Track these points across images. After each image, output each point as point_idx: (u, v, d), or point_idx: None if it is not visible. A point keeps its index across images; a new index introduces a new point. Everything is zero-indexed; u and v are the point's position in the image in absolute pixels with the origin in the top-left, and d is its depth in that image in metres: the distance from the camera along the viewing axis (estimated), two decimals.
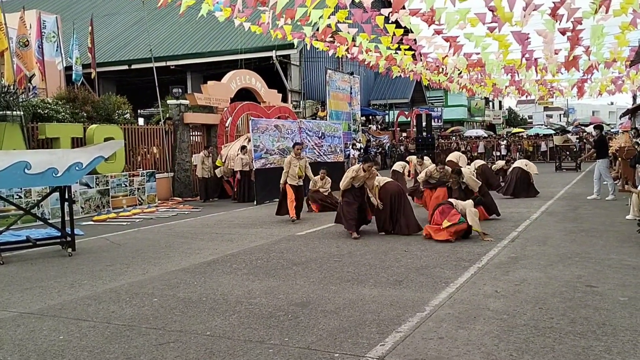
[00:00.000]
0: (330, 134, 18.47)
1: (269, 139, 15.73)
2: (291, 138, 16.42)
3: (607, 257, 7.24)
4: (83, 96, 16.19)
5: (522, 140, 36.46)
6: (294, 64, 25.51)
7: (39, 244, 8.64)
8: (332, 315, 5.12)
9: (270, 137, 15.81)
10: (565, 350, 4.15)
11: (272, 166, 15.42)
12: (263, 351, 4.31)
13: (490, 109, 56.22)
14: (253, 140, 15.21)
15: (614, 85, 17.04)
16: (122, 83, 27.70)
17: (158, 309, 5.52)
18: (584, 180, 19.45)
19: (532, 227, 9.76)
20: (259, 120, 16.20)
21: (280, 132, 16.24)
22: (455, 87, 18.69)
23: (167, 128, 17.22)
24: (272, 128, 16.07)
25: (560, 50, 13.08)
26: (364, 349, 4.30)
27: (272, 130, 15.98)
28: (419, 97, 41.05)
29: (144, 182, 15.16)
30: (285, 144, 16.17)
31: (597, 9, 8.86)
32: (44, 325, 5.12)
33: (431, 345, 4.34)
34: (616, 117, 61.05)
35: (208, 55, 25.20)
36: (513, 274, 6.50)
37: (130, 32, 29.26)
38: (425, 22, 9.99)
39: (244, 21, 11.31)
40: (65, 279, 6.94)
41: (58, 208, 10.00)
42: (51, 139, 13.24)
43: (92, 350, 4.44)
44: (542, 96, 21.45)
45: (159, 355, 4.29)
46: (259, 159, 15.22)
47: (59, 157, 8.43)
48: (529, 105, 64.28)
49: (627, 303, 5.25)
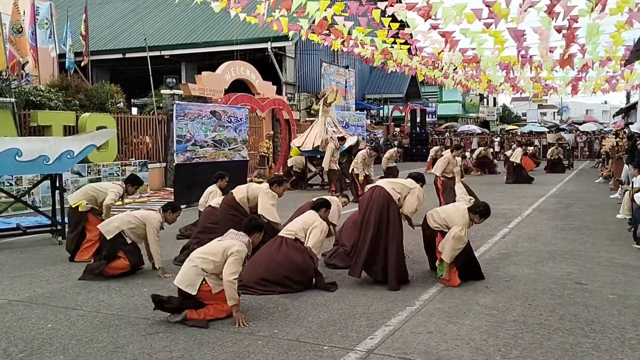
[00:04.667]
0: (354, 124, 18.28)
1: (201, 127, 13.06)
2: (234, 127, 14.05)
3: (597, 255, 7.28)
4: (76, 84, 16.05)
5: (515, 137, 36.52)
6: (289, 56, 25.41)
7: (29, 231, 8.57)
8: (322, 308, 5.12)
9: (204, 126, 13.16)
10: (554, 347, 4.17)
11: (199, 161, 12.96)
12: (252, 342, 4.30)
13: (485, 106, 56.27)
14: (177, 129, 12.58)
15: (609, 84, 17.09)
16: (116, 72, 27.50)
17: (147, 298, 5.47)
18: (576, 178, 19.54)
19: (524, 224, 9.79)
20: (187, 104, 13.35)
21: (219, 120, 13.56)
22: (450, 83, 18.68)
23: (159, 118, 17.13)
24: (206, 114, 13.28)
25: (555, 48, 13.09)
26: (353, 342, 4.30)
27: (206, 118, 13.24)
28: (414, 93, 41.02)
29: (136, 171, 15.07)
30: (224, 134, 13.70)
31: (593, 7, 8.86)
32: (33, 313, 5.09)
33: (420, 339, 4.35)
34: (610, 116, 61.30)
35: (203, 45, 25.06)
36: (503, 270, 6.52)
37: (124, 20, 29.03)
38: (422, 16, 9.97)
39: (239, 12, 11.25)
40: (54, 267, 6.91)
41: (49, 196, 9.93)
42: (43, 127, 13.13)
43: (80, 339, 4.42)
44: (537, 93, 21.48)
45: (147, 345, 4.28)
46: (182, 151, 12.62)
47: (51, 145, 8.35)
48: (523, 103, 64.40)
49: (616, 301, 5.28)
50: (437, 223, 6.02)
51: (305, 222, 5.99)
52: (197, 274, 4.71)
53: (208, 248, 4.86)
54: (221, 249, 4.73)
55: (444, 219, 5.97)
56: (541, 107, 65.69)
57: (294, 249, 5.73)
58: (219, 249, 4.74)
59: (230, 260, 4.62)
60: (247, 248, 4.81)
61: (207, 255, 4.76)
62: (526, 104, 63.98)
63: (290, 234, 5.87)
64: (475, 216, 5.80)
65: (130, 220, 6.32)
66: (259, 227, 5.09)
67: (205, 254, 4.78)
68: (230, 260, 4.62)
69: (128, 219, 6.33)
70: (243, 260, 4.73)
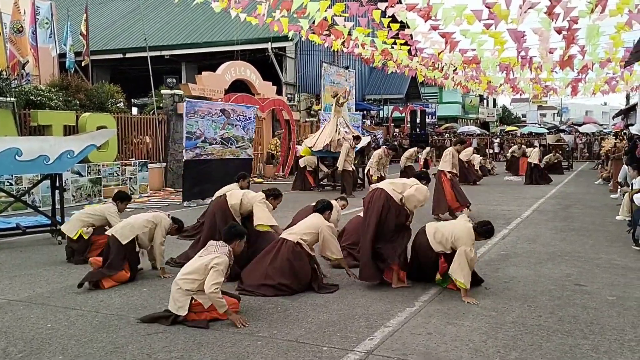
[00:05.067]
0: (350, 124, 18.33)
1: (210, 125, 13.32)
2: (242, 126, 14.32)
3: (596, 256, 7.29)
4: (76, 84, 16.04)
5: (515, 138, 36.54)
6: (289, 57, 25.40)
7: (28, 231, 8.57)
8: (321, 309, 5.12)
9: (214, 124, 13.43)
10: (553, 348, 4.18)
11: (208, 157, 13.25)
12: (251, 343, 4.31)
13: (485, 107, 56.30)
14: (187, 126, 12.82)
15: (608, 86, 17.10)
16: (116, 72, 27.50)
17: (147, 299, 5.50)
18: (576, 180, 19.54)
19: (523, 225, 9.80)
20: (197, 102, 13.64)
21: (227, 119, 13.82)
22: (450, 83, 18.70)
23: (160, 118, 17.13)
24: (216, 112, 13.53)
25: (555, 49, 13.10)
26: (352, 343, 4.30)
27: (216, 115, 13.50)
28: (414, 93, 41.01)
29: (136, 171, 15.07)
30: (232, 132, 13.96)
31: (593, 9, 8.87)
32: (32, 313, 5.09)
33: (420, 340, 4.35)
34: (609, 118, 61.33)
35: (203, 45, 25.05)
36: (503, 272, 6.52)
37: (125, 20, 29.03)
38: (422, 17, 9.98)
39: (240, 12, 11.25)
40: (54, 267, 6.90)
41: (49, 196, 9.93)
42: (43, 127, 13.13)
43: (80, 339, 4.42)
44: (536, 95, 21.49)
45: (146, 345, 4.28)
46: (192, 148, 12.90)
47: (51, 145, 8.35)
48: (523, 104, 64.36)
49: (615, 302, 5.29)
50: (442, 245, 5.57)
51: (310, 225, 5.91)
52: (184, 295, 4.69)
53: (189, 268, 4.81)
54: (202, 266, 4.69)
55: (447, 239, 5.54)
56: (541, 108, 65.70)
57: (292, 254, 5.66)
58: (200, 267, 4.70)
59: (211, 272, 4.60)
60: (229, 257, 4.76)
61: (189, 275, 4.73)
62: (526, 105, 63.95)
63: (292, 237, 5.80)
64: (480, 237, 5.58)
65: (144, 224, 6.23)
66: (239, 235, 5.03)
67: (186, 275, 4.75)
68: (210, 273, 4.60)
69: (142, 223, 6.24)
70: (226, 269, 4.70)
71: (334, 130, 15.62)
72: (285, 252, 5.69)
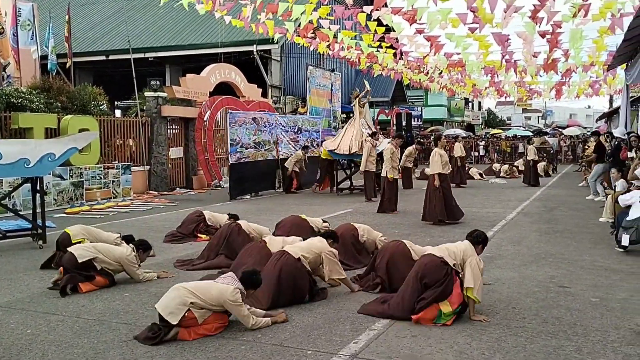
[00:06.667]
0: (307, 129, 18.35)
1: (245, 132, 15.40)
2: (268, 131, 16.35)
3: (580, 258, 7.33)
4: (58, 86, 15.85)
5: (500, 141, 36.80)
6: (274, 59, 25.35)
7: (9, 235, 8.44)
8: (306, 312, 5.09)
9: (247, 131, 15.50)
10: (537, 350, 4.18)
11: (246, 160, 15.25)
12: (235, 347, 4.26)
13: (470, 110, 56.66)
14: (230, 134, 14.92)
15: (592, 89, 17.30)
16: (99, 74, 27.23)
17: (129, 303, 5.43)
18: (560, 182, 19.71)
19: (508, 228, 9.84)
20: (237, 113, 15.86)
21: (257, 125, 15.98)
22: (436, 86, 18.80)
23: (143, 121, 17.00)
24: (249, 121, 15.73)
25: (539, 53, 13.22)
26: (337, 346, 4.27)
27: (249, 123, 15.67)
28: (400, 96, 41.13)
29: (119, 174, 14.94)
30: (261, 137, 16.04)
31: (576, 13, 8.96)
32: (12, 318, 4.99)
33: (404, 343, 4.34)
34: (593, 121, 62.02)
35: (187, 47, 24.91)
36: (487, 274, 6.52)
37: (108, 22, 28.78)
38: (407, 20, 10.02)
39: (224, 14, 11.21)
40: (35, 271, 6.80)
41: (30, 199, 9.79)
42: (24, 129, 12.95)
43: (60, 345, 4.34)
44: (521, 97, 21.69)
45: (128, 351, 4.22)
46: (234, 153, 14.92)
47: (32, 148, 8.25)
48: (508, 107, 64.92)
49: (598, 304, 5.31)
50: (453, 259, 5.13)
51: (313, 246, 5.73)
52: (183, 304, 4.46)
53: (202, 288, 4.60)
54: (217, 293, 4.53)
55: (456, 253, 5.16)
56: (526, 111, 66.35)
57: (294, 270, 5.44)
58: (214, 293, 4.54)
59: (237, 310, 4.53)
60: (242, 295, 4.63)
61: (199, 294, 4.52)
62: (511, 108, 64.54)
63: (293, 251, 5.59)
64: (479, 247, 5.24)
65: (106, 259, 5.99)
66: (255, 285, 4.86)
67: (197, 291, 4.54)
68: (237, 310, 4.53)
69: (106, 258, 5.99)
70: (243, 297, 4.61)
71: (359, 132, 15.00)
72: (287, 268, 5.43)
